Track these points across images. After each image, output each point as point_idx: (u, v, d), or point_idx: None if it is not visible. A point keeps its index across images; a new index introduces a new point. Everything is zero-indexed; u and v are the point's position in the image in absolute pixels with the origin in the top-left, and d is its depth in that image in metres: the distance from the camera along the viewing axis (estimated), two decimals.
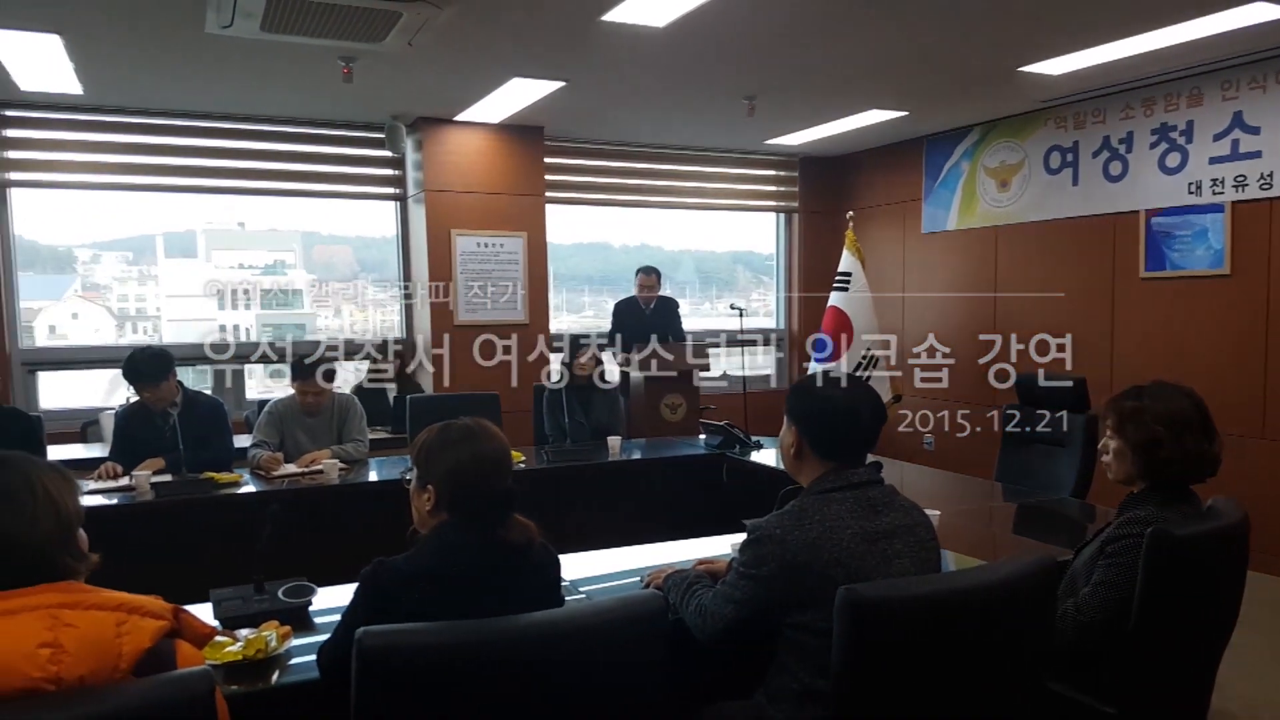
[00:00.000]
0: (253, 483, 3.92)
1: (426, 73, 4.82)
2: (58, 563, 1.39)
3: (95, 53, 4.33)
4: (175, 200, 6.43)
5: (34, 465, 1.44)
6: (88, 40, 4.13)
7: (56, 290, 6.21)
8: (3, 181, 5.46)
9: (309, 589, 2.35)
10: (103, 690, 1.30)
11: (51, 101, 5.31)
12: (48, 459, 1.54)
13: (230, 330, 7.06)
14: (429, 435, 1.92)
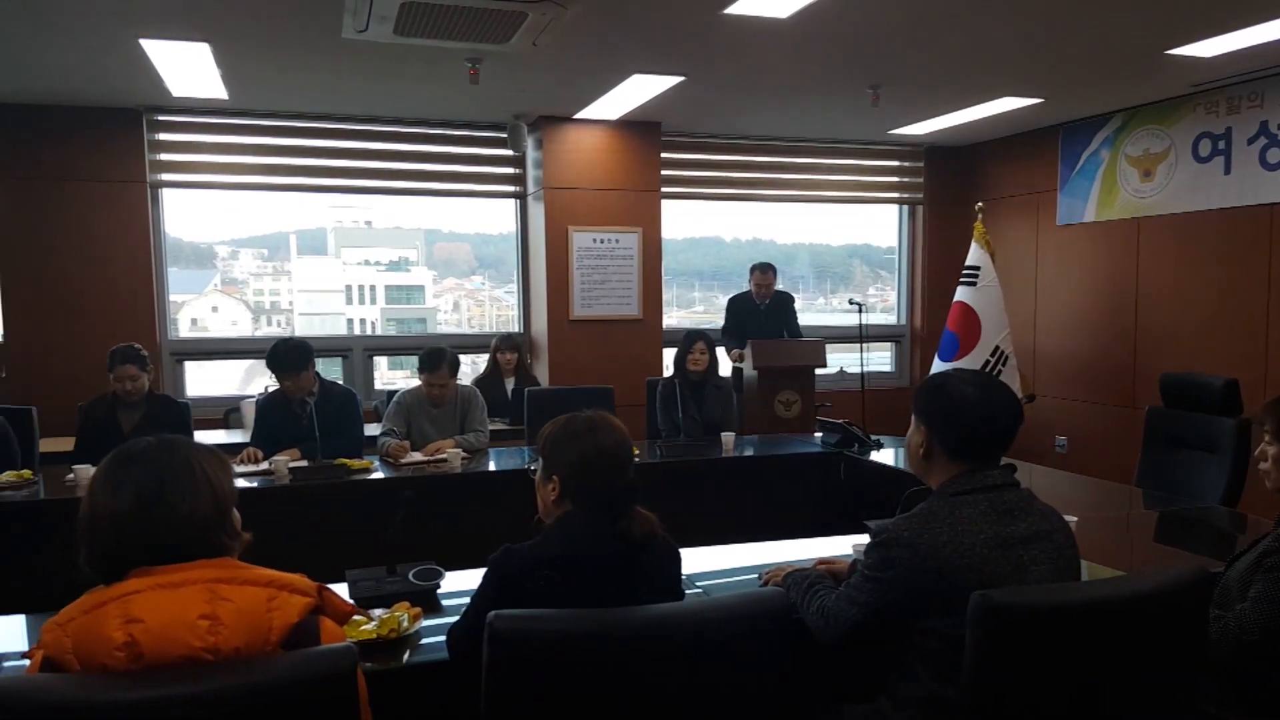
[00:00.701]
0: (381, 469, 4.09)
1: (548, 72, 4.90)
2: (215, 540, 1.48)
3: (240, 59, 4.58)
4: (308, 199, 6.76)
5: (195, 448, 1.54)
6: (234, 47, 4.37)
7: (198, 285, 6.61)
8: (155, 182, 5.85)
9: (437, 572, 2.43)
10: (255, 661, 1.38)
11: (199, 106, 5.66)
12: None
13: (356, 324, 7.38)
14: (554, 427, 1.95)
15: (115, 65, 4.63)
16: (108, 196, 5.65)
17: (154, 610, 1.36)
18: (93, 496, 1.46)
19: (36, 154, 5.50)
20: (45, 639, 1.36)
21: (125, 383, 4.16)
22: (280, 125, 5.99)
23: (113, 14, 3.84)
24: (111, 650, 1.33)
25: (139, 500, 1.43)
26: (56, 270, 5.57)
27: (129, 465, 1.47)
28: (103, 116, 5.56)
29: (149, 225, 5.78)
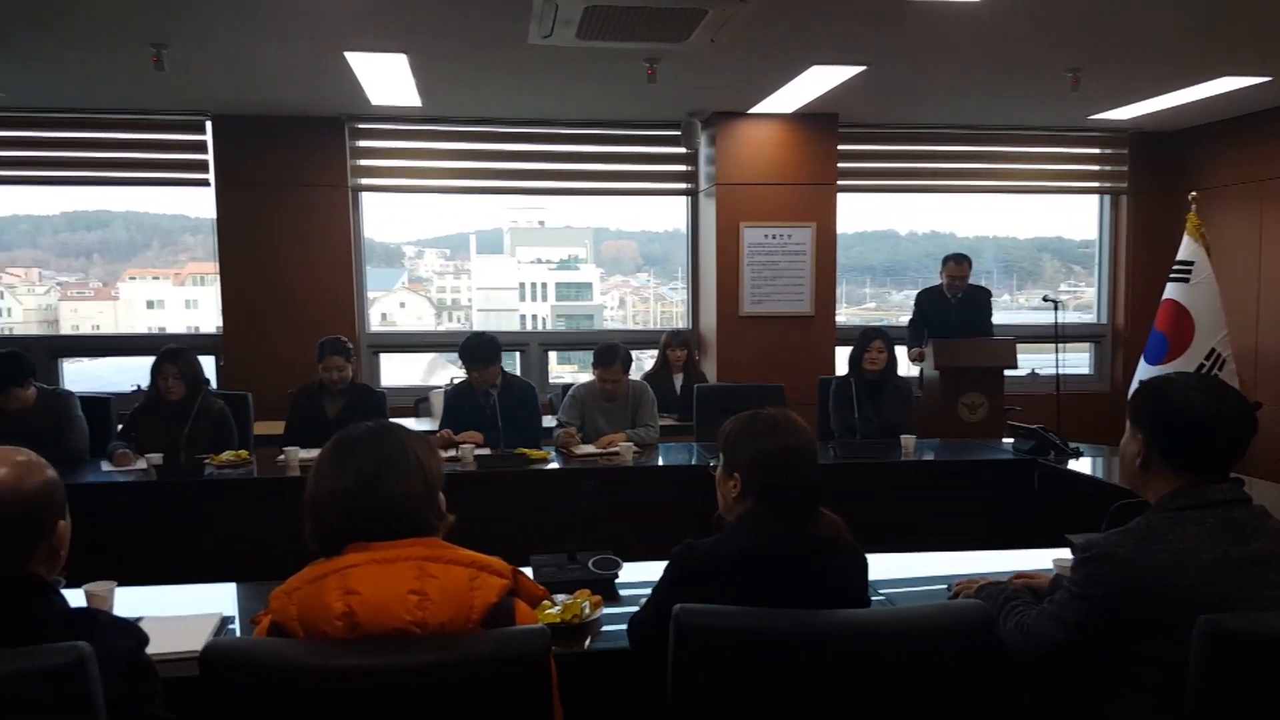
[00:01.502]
0: (557, 460, 4.21)
1: (725, 67, 4.89)
2: (424, 520, 1.57)
3: (434, 67, 4.83)
4: (487, 201, 7.06)
5: (408, 434, 1.64)
6: (429, 57, 4.62)
7: (389, 282, 7.03)
8: (355, 186, 6.28)
9: (615, 562, 2.47)
10: (458, 637, 1.45)
11: (394, 114, 6.02)
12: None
13: (528, 320, 7.65)
14: (736, 424, 1.94)
15: (322, 78, 5.00)
16: (314, 200, 6.12)
17: (370, 583, 1.45)
18: (318, 476, 1.58)
19: (253, 161, 6.02)
20: (273, 605, 1.48)
21: (332, 372, 4.49)
22: (468, 130, 6.28)
23: (322, 30, 4.14)
24: (332, 619, 1.43)
25: (359, 479, 1.53)
26: (269, 268, 6.09)
27: (352, 448, 1.58)
28: (310, 126, 6.02)
29: (349, 227, 6.21)
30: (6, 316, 7.21)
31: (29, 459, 1.56)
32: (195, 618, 2.13)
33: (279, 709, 1.40)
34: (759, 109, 5.92)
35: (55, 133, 5.93)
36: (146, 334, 6.85)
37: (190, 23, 4.01)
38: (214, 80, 5.07)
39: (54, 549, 1.54)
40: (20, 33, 4.13)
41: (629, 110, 6.10)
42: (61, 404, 4.24)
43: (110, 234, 7.68)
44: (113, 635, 1.48)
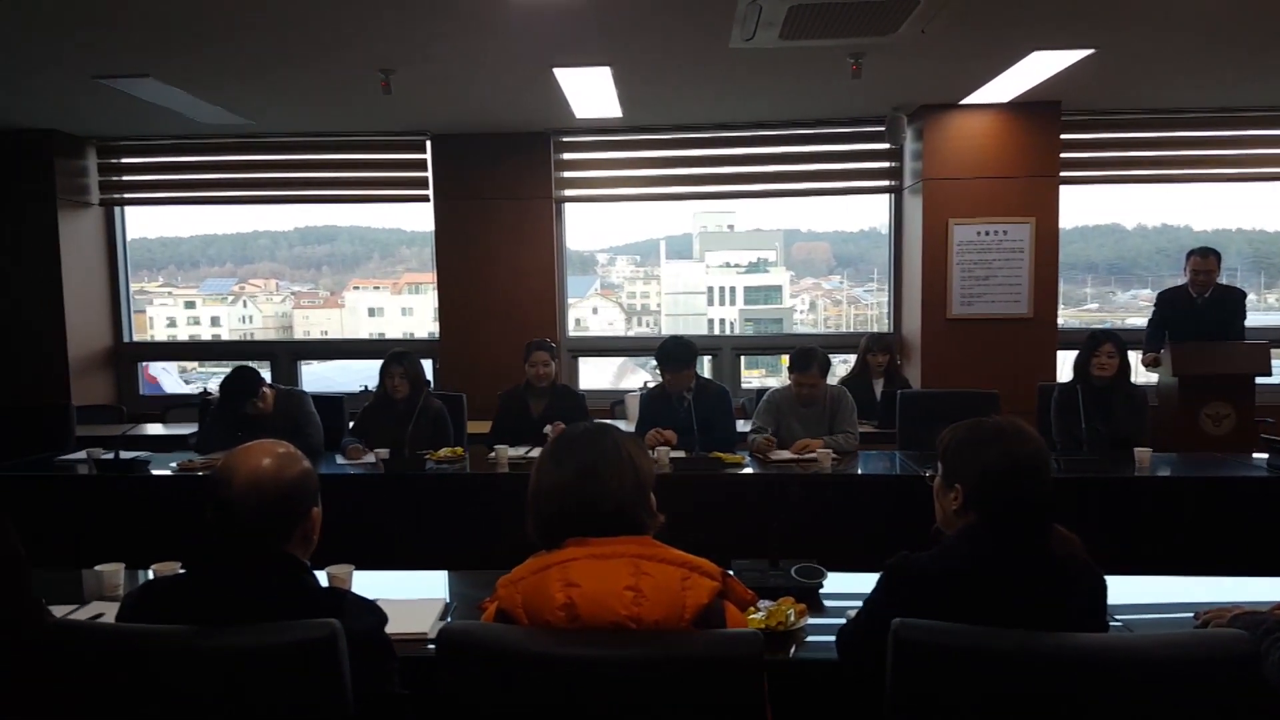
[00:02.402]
0: (751, 464, 4.17)
1: (934, 58, 4.69)
2: (636, 517, 1.60)
3: (636, 78, 4.94)
4: (676, 206, 7.12)
5: (622, 435, 1.69)
6: (632, 67, 4.73)
7: (582, 289, 7.23)
8: (559, 198, 6.52)
9: (819, 571, 2.41)
10: (672, 635, 1.46)
11: (596, 126, 6.20)
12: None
13: (716, 324, 7.64)
14: (957, 432, 1.84)
15: (531, 94, 5.24)
16: (522, 212, 6.41)
17: (589, 577, 1.49)
18: (540, 471, 1.66)
19: (467, 176, 6.39)
20: (500, 593, 1.56)
21: (538, 367, 4.70)
22: (665, 138, 6.38)
23: (533, 49, 4.34)
24: (554, 609, 1.48)
25: (577, 475, 1.60)
26: (481, 277, 6.44)
27: (571, 446, 1.65)
28: (519, 141, 6.32)
29: (553, 236, 6.47)
30: (249, 323, 8.05)
31: (288, 451, 1.72)
32: (421, 601, 2.27)
33: (503, 689, 1.47)
34: (972, 99, 5.63)
35: (293, 155, 6.56)
36: (369, 339, 7.43)
37: (415, 49, 4.31)
38: (434, 102, 5.43)
39: (308, 533, 1.70)
40: (270, 65, 4.59)
41: (829, 108, 5.97)
42: (297, 402, 4.66)
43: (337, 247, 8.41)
44: (358, 614, 1.60)
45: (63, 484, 4.20)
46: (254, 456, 1.69)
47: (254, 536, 1.64)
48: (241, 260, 8.33)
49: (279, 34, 4.06)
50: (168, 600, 1.63)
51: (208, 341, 7.57)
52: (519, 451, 4.41)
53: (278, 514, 1.64)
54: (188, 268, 8.14)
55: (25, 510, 2.00)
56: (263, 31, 4.03)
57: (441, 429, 4.67)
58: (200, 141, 6.48)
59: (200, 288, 8.11)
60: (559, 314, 6.60)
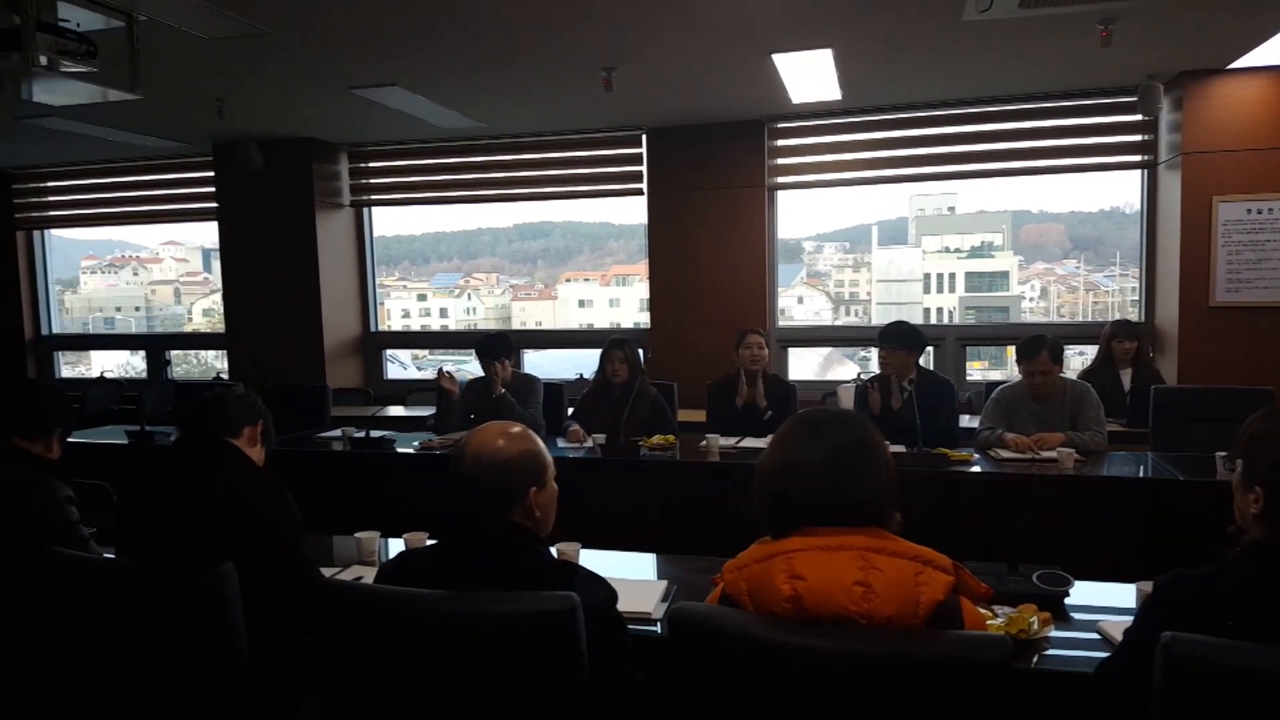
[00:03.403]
0: (981, 463, 3.93)
1: (1197, 20, 4.21)
2: (882, 512, 1.53)
3: (858, 59, 4.78)
4: (890, 191, 6.78)
5: (869, 427, 1.61)
6: (854, 48, 4.58)
7: (788, 278, 7.08)
8: (771, 185, 6.44)
9: (1065, 579, 2.23)
10: (907, 632, 1.39)
11: (812, 110, 6.06)
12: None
13: (933, 313, 7.24)
14: (1260, 423, 1.61)
15: (747, 82, 5.21)
16: (733, 201, 6.40)
17: (814, 570, 1.45)
18: (785, 450, 1.60)
19: (679, 168, 6.45)
20: (726, 578, 1.55)
21: (753, 349, 4.69)
22: (885, 119, 6.14)
23: (752, 37, 4.31)
24: (780, 600, 1.45)
25: (832, 458, 1.54)
26: (692, 267, 6.49)
27: (818, 429, 1.59)
28: (732, 130, 6.30)
29: (764, 225, 6.41)
30: (473, 314, 8.56)
31: (518, 432, 1.81)
32: (644, 582, 2.32)
33: (732, 673, 1.47)
34: (1242, 63, 5.00)
35: (517, 155, 6.88)
36: (579, 329, 7.68)
37: (636, 45, 4.40)
38: (651, 96, 5.53)
39: (530, 510, 1.76)
40: (501, 69, 4.84)
41: (1071, 79, 5.49)
42: (528, 384, 4.92)
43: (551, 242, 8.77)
44: (590, 588, 1.66)
45: (322, 458, 4.67)
46: (485, 434, 1.79)
47: (479, 509, 1.73)
48: (466, 256, 8.88)
49: (510, 40, 4.28)
50: (421, 567, 1.75)
51: (437, 331, 8.14)
52: (730, 441, 4.40)
53: (496, 489, 1.73)
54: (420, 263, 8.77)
55: (289, 480, 2.24)
56: (494, 38, 4.26)
57: (657, 414, 4.75)
58: (435, 145, 6.95)
59: (430, 282, 8.72)
60: (769, 303, 6.53)
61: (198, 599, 1.86)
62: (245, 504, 2.09)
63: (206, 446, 2.22)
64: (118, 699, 1.99)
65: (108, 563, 2.10)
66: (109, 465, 4.60)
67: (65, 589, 2.01)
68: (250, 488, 2.14)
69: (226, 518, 2.05)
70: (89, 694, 2.02)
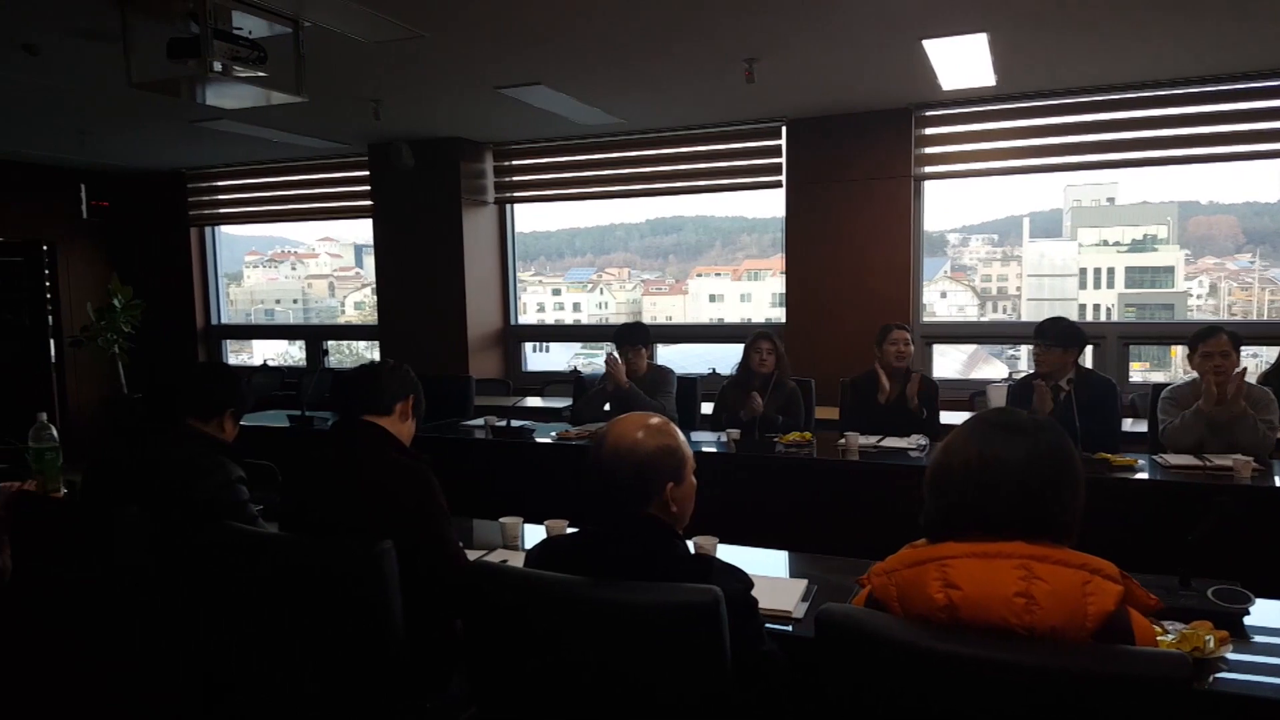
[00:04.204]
0: (1148, 469, 3.68)
1: None
2: (1064, 524, 1.44)
3: (1015, 42, 4.55)
4: (1043, 181, 6.42)
5: (1064, 435, 1.51)
6: (1011, 32, 4.36)
7: (930, 272, 6.81)
8: (918, 175, 6.22)
9: (1245, 596, 2.06)
10: (1073, 647, 1.32)
11: (963, 97, 5.82)
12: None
13: (1089, 310, 6.84)
14: None
15: (894, 70, 5.05)
16: (876, 192, 6.22)
17: (971, 580, 1.39)
18: (982, 443, 1.50)
19: (820, 159, 6.32)
20: (874, 582, 1.51)
21: (898, 345, 4.57)
22: (1043, 105, 5.83)
23: (901, 23, 4.17)
24: (934, 609, 1.40)
25: (1030, 461, 1.44)
26: (831, 261, 6.35)
27: (1016, 430, 1.49)
28: (877, 120, 6.13)
29: (910, 217, 6.20)
30: (605, 309, 8.68)
31: (658, 424, 1.81)
32: (783, 580, 2.29)
33: (880, 677, 1.43)
34: None
35: (654, 150, 6.90)
36: (709, 324, 7.66)
37: (779, 34, 4.33)
38: (793, 87, 5.44)
39: (666, 503, 1.76)
40: (643, 64, 4.87)
41: (1248, 59, 5.04)
42: (662, 376, 4.95)
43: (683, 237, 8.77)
44: (727, 579, 1.66)
45: (466, 445, 4.85)
46: (624, 426, 1.81)
47: (616, 501, 1.75)
48: (600, 251, 9.01)
49: (653, 34, 4.29)
50: (565, 554, 1.79)
51: (572, 325, 8.29)
52: (870, 440, 4.29)
53: (633, 483, 1.74)
54: (554, 258, 8.95)
55: (436, 466, 2.33)
56: (638, 34, 4.28)
57: (794, 410, 4.70)
58: (575, 142, 7.07)
59: (564, 277, 8.89)
60: (913, 298, 6.32)
61: (357, 576, 1.94)
62: (391, 493, 2.16)
63: (358, 433, 2.30)
64: (280, 668, 2.11)
65: (277, 538, 2.21)
66: (275, 447, 4.93)
67: (234, 563, 2.13)
68: (397, 476, 2.20)
69: (375, 505, 2.12)
70: (254, 662, 2.15)
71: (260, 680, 2.16)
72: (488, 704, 1.85)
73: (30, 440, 3.31)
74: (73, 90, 5.14)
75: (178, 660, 2.38)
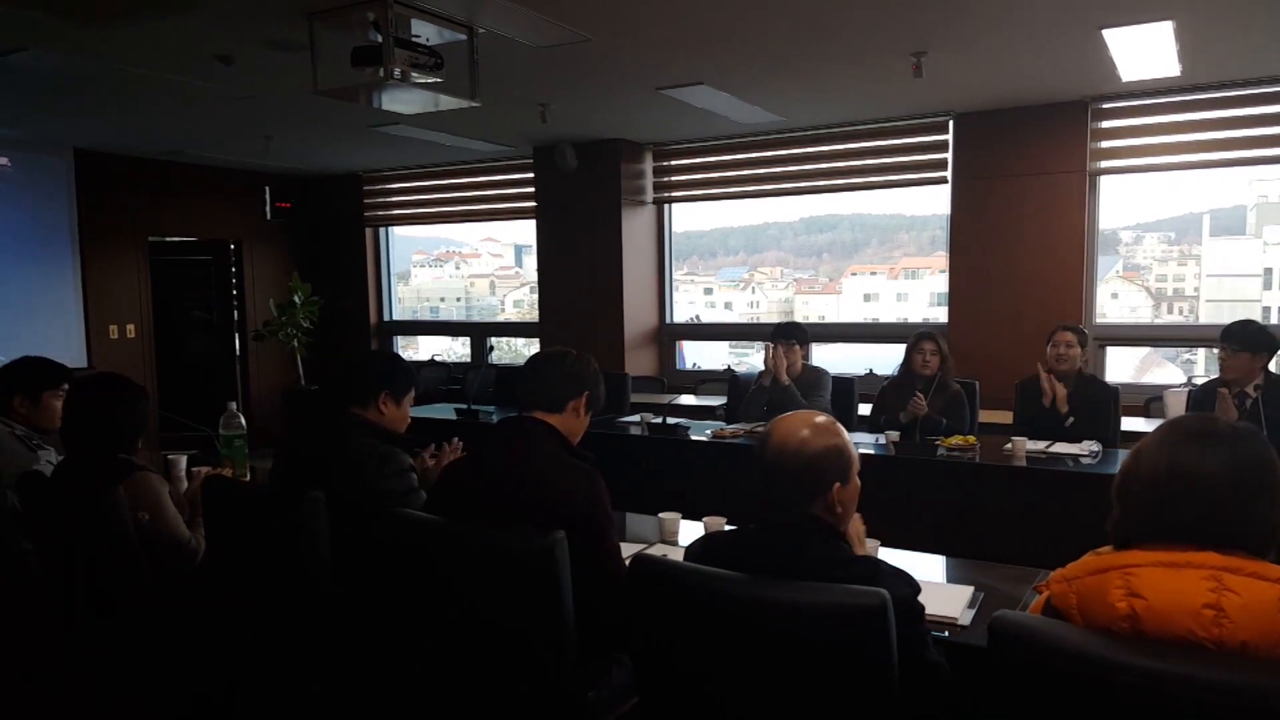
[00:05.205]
0: None
1: None
2: (1261, 539, 1.39)
3: (1204, 30, 4.27)
4: (1225, 175, 5.99)
5: (1267, 443, 1.45)
6: (1199, 19, 4.10)
7: (1101, 271, 6.44)
8: (1094, 170, 5.90)
9: None
10: (1265, 663, 1.27)
11: (1145, 88, 5.49)
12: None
13: (1274, 313, 6.30)
14: None
15: (1070, 60, 4.82)
16: (1048, 188, 5.95)
17: (1155, 589, 1.36)
18: (1163, 454, 1.46)
19: (989, 154, 6.10)
20: (1054, 589, 1.49)
21: (1059, 347, 4.39)
22: (1229, 96, 5.43)
23: (1079, 12, 3.99)
24: (1115, 618, 1.38)
25: (1227, 474, 1.40)
26: (998, 259, 6.12)
27: (1212, 438, 1.44)
28: (1049, 113, 5.85)
29: (1084, 213, 5.89)
30: (756, 308, 8.63)
31: (825, 424, 1.82)
32: (950, 586, 2.27)
33: (1056, 689, 1.41)
34: None
35: (814, 148, 6.83)
36: (863, 323, 7.50)
37: (949, 25, 4.22)
38: (962, 80, 5.28)
39: (831, 504, 1.77)
40: (806, 61, 4.84)
41: None
42: (816, 376, 4.95)
43: (838, 235, 8.60)
44: (894, 583, 1.66)
45: (622, 441, 4.99)
46: (790, 424, 1.82)
47: (781, 499, 1.77)
48: (752, 250, 8.97)
49: (817, 28, 4.26)
50: (726, 551, 1.82)
51: (725, 323, 8.32)
52: (1038, 445, 4.14)
53: (799, 481, 1.74)
54: (707, 257, 8.99)
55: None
56: (801, 29, 4.26)
57: (956, 412, 4.59)
58: (733, 141, 7.10)
59: (717, 275, 8.91)
60: (1085, 298, 6.01)
61: (533, 563, 1.95)
62: (562, 494, 2.11)
63: (527, 431, 2.24)
64: (451, 655, 2.16)
65: (453, 525, 2.17)
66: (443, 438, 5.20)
67: (408, 551, 2.16)
68: (568, 477, 2.15)
69: (544, 505, 2.09)
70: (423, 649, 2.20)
71: (432, 665, 2.20)
72: (649, 696, 1.87)
73: (221, 428, 3.60)
74: (261, 98, 5.53)
75: (354, 645, 2.44)
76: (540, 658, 2.02)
